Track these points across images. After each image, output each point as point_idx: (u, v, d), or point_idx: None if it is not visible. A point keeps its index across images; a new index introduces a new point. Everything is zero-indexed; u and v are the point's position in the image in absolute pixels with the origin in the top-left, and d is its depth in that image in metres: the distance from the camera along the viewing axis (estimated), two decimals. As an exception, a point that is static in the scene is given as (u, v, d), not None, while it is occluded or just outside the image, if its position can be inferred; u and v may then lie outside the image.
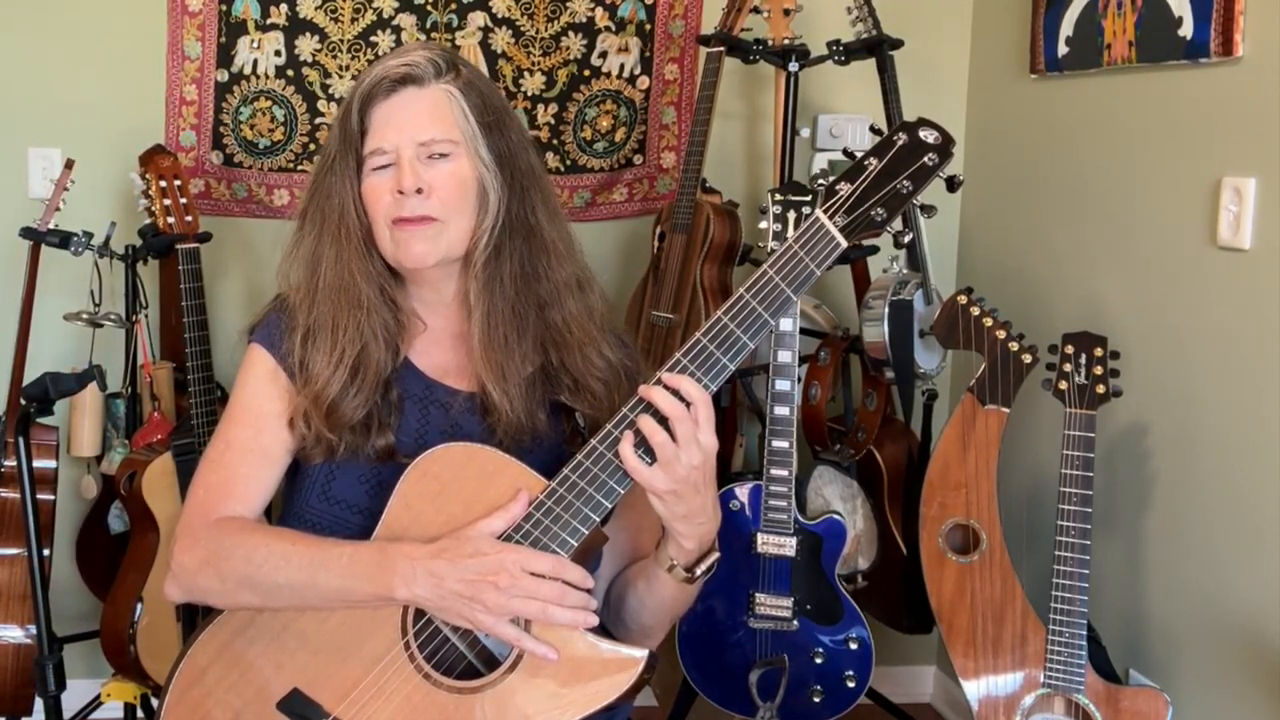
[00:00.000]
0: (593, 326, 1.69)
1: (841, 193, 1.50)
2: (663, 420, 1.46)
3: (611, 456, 1.48)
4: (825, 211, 1.50)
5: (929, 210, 1.58)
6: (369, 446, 1.61)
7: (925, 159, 1.50)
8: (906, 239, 1.56)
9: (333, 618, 1.54)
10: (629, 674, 1.49)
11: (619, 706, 1.51)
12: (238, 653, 1.57)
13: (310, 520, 1.64)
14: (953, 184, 1.56)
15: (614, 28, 3.20)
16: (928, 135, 1.51)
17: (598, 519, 1.49)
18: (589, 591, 1.49)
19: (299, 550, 1.53)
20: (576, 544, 1.49)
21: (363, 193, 1.62)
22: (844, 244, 1.49)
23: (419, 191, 1.58)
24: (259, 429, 1.64)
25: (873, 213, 1.49)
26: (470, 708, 1.49)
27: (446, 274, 1.66)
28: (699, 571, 1.58)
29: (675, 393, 1.46)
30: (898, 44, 2.90)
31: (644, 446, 1.47)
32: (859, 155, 1.54)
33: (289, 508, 1.69)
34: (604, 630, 1.68)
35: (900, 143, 1.51)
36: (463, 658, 1.54)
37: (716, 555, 1.59)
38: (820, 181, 1.56)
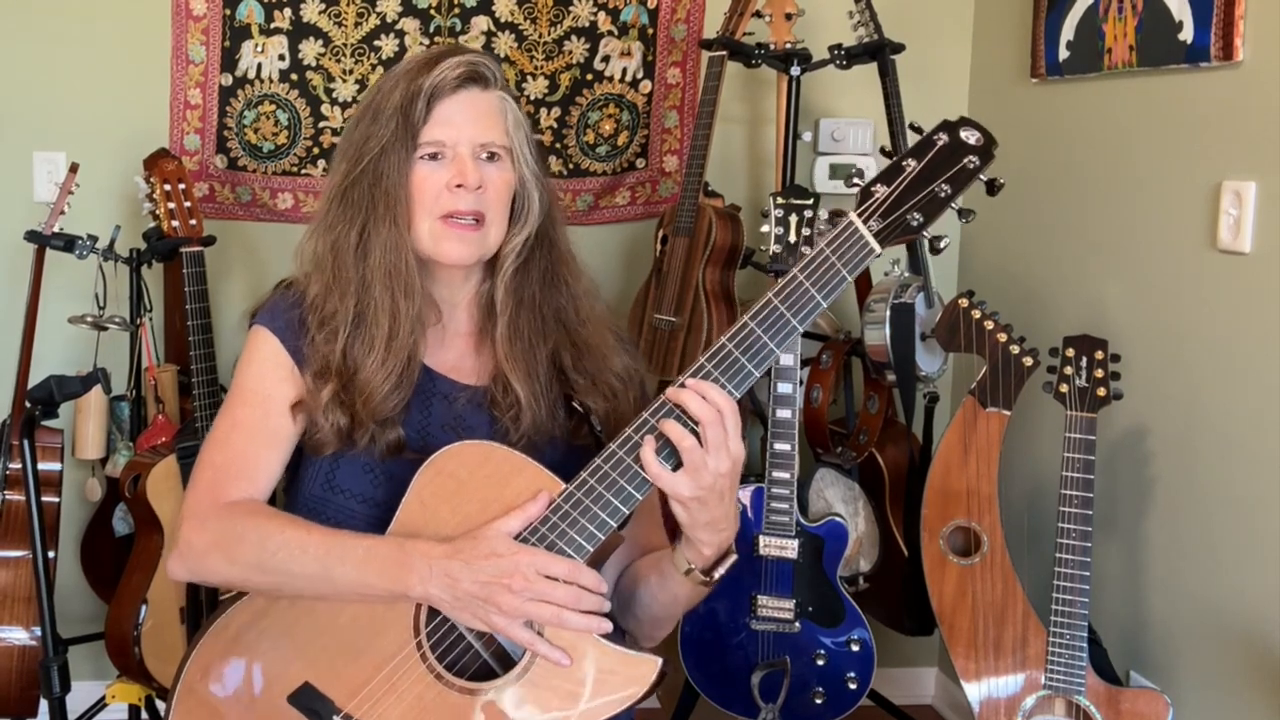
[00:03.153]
0: (608, 333, 1.71)
1: (877, 195, 1.44)
2: (689, 425, 1.44)
3: (631, 462, 1.45)
4: (860, 215, 1.44)
5: (967, 214, 1.49)
6: (381, 440, 1.60)
7: (966, 161, 1.45)
8: (943, 244, 1.48)
9: (344, 614, 1.54)
10: (642, 681, 1.48)
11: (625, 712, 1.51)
12: (248, 645, 1.57)
13: (314, 509, 1.63)
14: (992, 187, 1.49)
15: (616, 32, 3.21)
16: (969, 136, 1.46)
17: (615, 524, 1.47)
18: (604, 596, 1.49)
19: (315, 540, 1.52)
20: (592, 549, 1.47)
21: (411, 181, 1.61)
22: (879, 250, 1.44)
23: (479, 188, 1.59)
24: (267, 410, 1.62)
25: (909, 217, 1.44)
26: (481, 709, 1.49)
27: (469, 275, 1.67)
28: (717, 575, 1.57)
29: (701, 399, 1.44)
30: (899, 48, 2.91)
31: (665, 452, 1.45)
32: (896, 156, 1.48)
33: (292, 497, 1.68)
34: (612, 620, 1.69)
35: (940, 143, 1.46)
36: (476, 657, 1.53)
37: (734, 557, 1.57)
38: (856, 181, 1.48)
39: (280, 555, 1.52)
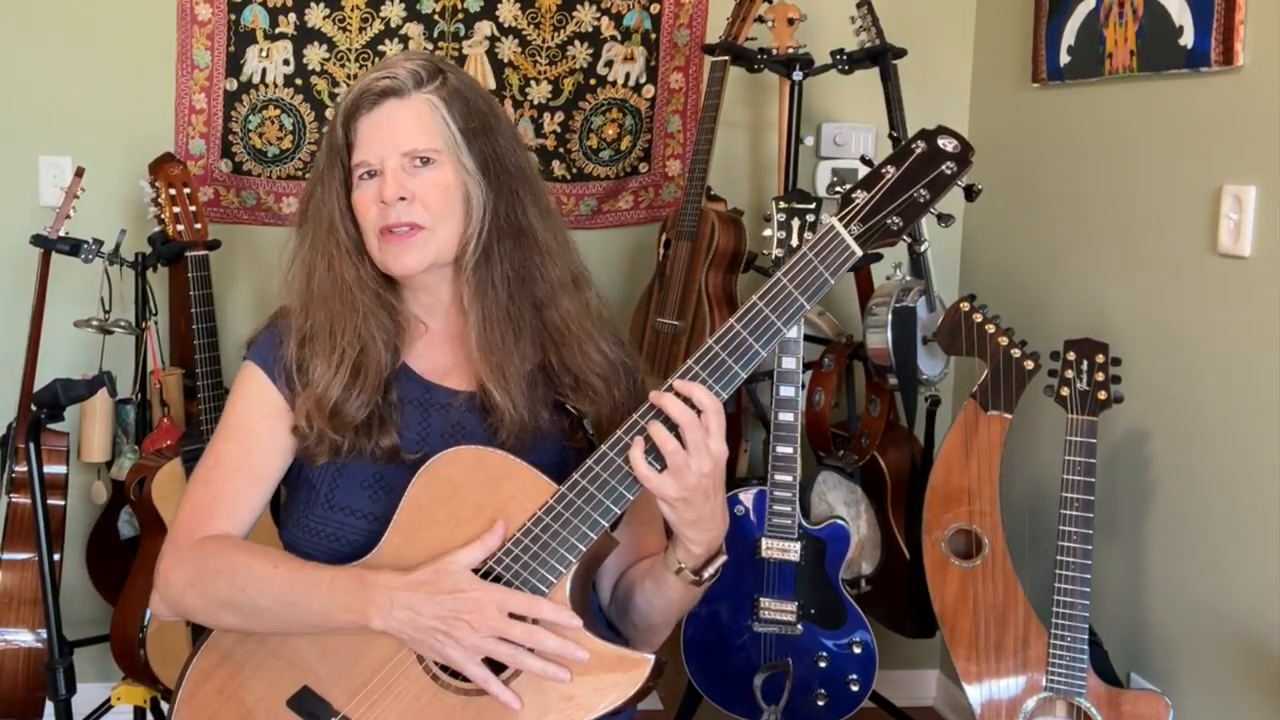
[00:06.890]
0: (589, 323, 1.70)
1: (858, 201, 1.48)
2: (673, 427, 1.46)
3: (621, 463, 1.48)
4: (841, 219, 1.48)
5: (946, 219, 1.54)
6: (373, 446, 1.62)
7: (943, 167, 1.48)
8: (922, 248, 1.52)
9: None
10: (636, 679, 1.49)
11: (624, 710, 1.52)
12: (248, 651, 1.59)
13: (315, 528, 1.64)
14: (971, 193, 1.53)
15: (620, 37, 3.22)
16: (946, 144, 1.49)
17: (606, 524, 1.49)
18: (568, 624, 1.49)
19: (280, 574, 1.55)
20: (585, 548, 1.49)
21: (353, 204, 1.64)
22: (859, 253, 1.47)
23: (402, 199, 1.60)
24: (248, 447, 1.66)
25: (889, 221, 1.47)
26: (478, 710, 1.51)
27: (439, 278, 1.68)
28: (706, 575, 1.59)
29: (687, 400, 1.46)
30: (901, 53, 2.92)
31: (654, 453, 1.47)
32: (876, 163, 1.51)
33: (293, 517, 1.69)
34: (610, 628, 1.70)
35: (918, 150, 1.49)
36: None
37: (724, 558, 1.60)
38: (836, 189, 1.52)
39: (249, 591, 1.55)
